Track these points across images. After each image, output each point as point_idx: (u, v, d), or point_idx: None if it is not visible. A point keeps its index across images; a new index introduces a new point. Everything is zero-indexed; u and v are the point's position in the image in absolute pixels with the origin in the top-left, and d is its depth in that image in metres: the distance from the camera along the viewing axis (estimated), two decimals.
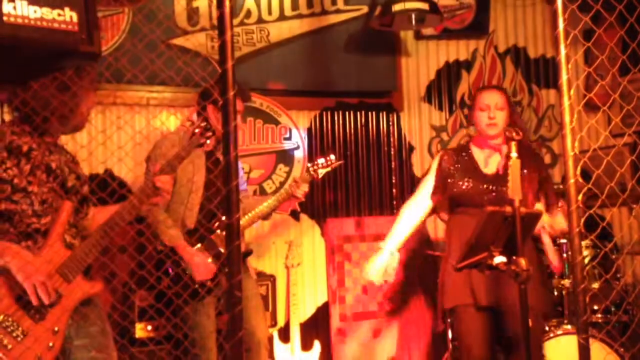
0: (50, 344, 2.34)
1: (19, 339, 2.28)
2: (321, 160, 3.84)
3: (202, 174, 3.47)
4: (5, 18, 1.54)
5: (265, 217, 3.74)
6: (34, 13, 1.57)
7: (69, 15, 1.61)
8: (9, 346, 2.26)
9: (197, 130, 2.68)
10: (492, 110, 3.10)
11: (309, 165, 3.85)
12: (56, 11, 1.60)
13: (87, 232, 2.58)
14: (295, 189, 3.67)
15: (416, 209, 3.26)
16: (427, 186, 3.24)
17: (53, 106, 2.38)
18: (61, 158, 2.54)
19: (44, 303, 2.32)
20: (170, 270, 3.34)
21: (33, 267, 2.28)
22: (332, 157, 3.88)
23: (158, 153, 3.40)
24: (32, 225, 2.39)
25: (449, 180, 3.15)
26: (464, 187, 3.10)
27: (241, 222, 3.48)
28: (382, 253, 3.19)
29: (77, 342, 2.49)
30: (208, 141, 2.73)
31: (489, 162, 3.15)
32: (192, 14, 4.52)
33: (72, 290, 2.40)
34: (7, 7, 1.54)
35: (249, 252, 3.66)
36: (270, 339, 4.12)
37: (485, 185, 3.07)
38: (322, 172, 3.80)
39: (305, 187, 3.69)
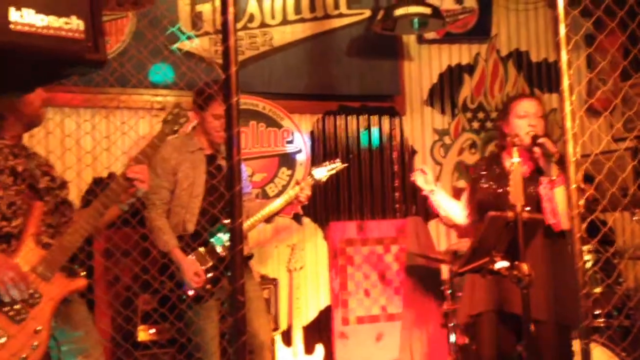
0: (35, 344, 2.34)
1: (1, 341, 2.28)
2: (325, 164, 3.84)
3: (203, 178, 3.48)
4: (12, 26, 1.55)
5: (269, 220, 3.75)
6: (41, 21, 1.58)
7: (76, 24, 1.62)
8: None
9: (169, 117, 2.67)
10: (532, 118, 3.04)
11: (313, 168, 3.85)
12: (63, 19, 1.61)
13: None
14: (298, 192, 3.67)
15: (460, 208, 3.34)
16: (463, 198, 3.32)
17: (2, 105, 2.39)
18: (29, 161, 2.54)
19: (23, 303, 2.32)
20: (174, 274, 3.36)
21: (1, 266, 2.29)
22: (337, 160, 3.88)
23: (159, 157, 3.41)
24: (3, 229, 2.39)
25: (476, 186, 3.17)
26: (488, 189, 3.09)
27: (245, 225, 3.49)
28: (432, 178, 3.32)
29: (63, 348, 2.50)
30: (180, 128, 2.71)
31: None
32: (196, 19, 4.54)
33: (52, 288, 2.40)
34: (14, 16, 1.55)
35: (250, 256, 3.67)
36: (273, 343, 4.13)
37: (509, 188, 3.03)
38: (326, 175, 3.81)
39: (308, 191, 3.69)
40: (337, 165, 3.85)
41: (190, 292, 3.35)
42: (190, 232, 3.42)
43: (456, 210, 3.33)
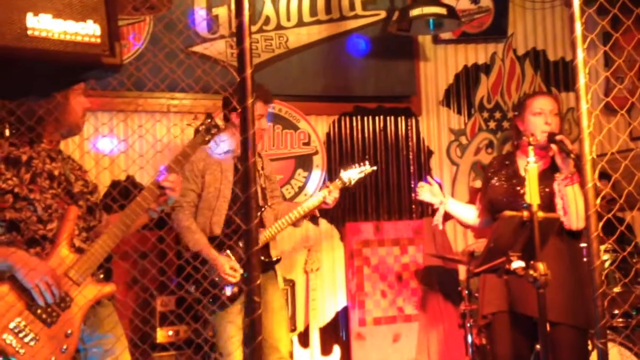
0: (64, 347, 2.37)
1: (31, 343, 2.31)
2: (354, 166, 3.74)
3: (231, 181, 3.49)
4: (29, 32, 1.58)
5: (296, 223, 3.72)
6: (58, 26, 1.60)
7: (92, 28, 1.65)
8: (22, 351, 2.28)
9: (202, 127, 2.69)
10: (548, 115, 3.01)
11: (342, 170, 3.76)
12: (79, 24, 1.63)
13: None
14: (326, 195, 3.59)
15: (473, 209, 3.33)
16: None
17: (42, 113, 2.42)
18: (65, 165, 2.58)
19: (54, 307, 2.36)
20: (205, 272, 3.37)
21: (35, 269, 2.32)
22: (367, 163, 3.77)
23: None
24: (39, 232, 2.43)
25: (489, 184, 3.16)
26: (499, 188, 3.08)
27: (274, 229, 3.50)
28: (439, 191, 3.32)
29: (93, 350, 2.53)
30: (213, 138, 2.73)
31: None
32: (212, 22, 4.57)
33: (84, 293, 2.44)
34: (31, 21, 1.58)
35: (278, 259, 3.64)
36: (291, 356, 4.11)
37: (520, 188, 3.01)
38: (355, 178, 3.72)
39: (336, 193, 3.60)
40: (366, 168, 3.75)
41: (228, 292, 3.35)
42: (217, 235, 3.43)
43: (469, 213, 3.32)
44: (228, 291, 3.36)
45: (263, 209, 3.54)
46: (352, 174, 3.70)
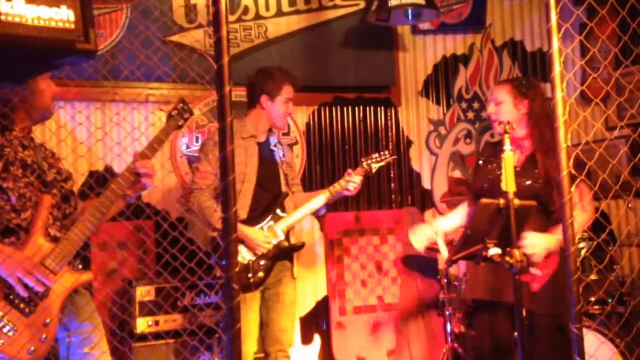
0: (43, 336, 2.35)
1: (10, 334, 2.29)
2: (375, 155, 3.73)
3: (256, 166, 3.50)
4: (2, 17, 1.56)
5: (316, 212, 3.70)
6: (31, 12, 1.59)
7: (66, 14, 1.64)
8: (1, 342, 2.27)
9: (174, 112, 2.68)
10: (492, 106, 3.06)
11: (363, 159, 3.73)
12: (53, 10, 1.63)
13: None
14: (348, 183, 3.59)
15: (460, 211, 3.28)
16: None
17: (17, 100, 2.40)
18: (37, 153, 2.56)
19: (32, 296, 2.34)
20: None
21: (14, 261, 2.30)
22: (386, 152, 3.78)
23: (212, 143, 3.48)
24: (13, 221, 2.40)
25: (476, 171, 3.18)
26: (483, 176, 3.09)
27: (293, 217, 3.52)
28: (426, 226, 3.21)
29: (72, 339, 2.52)
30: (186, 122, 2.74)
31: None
32: (189, 10, 4.55)
33: (61, 281, 2.42)
34: (4, 7, 1.56)
35: (299, 246, 3.65)
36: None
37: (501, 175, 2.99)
38: (375, 166, 3.69)
39: (358, 181, 3.61)
40: (386, 156, 3.74)
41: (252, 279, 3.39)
42: (242, 218, 3.42)
43: (459, 216, 3.27)
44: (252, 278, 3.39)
45: (286, 196, 3.55)
46: (373, 162, 3.70)
